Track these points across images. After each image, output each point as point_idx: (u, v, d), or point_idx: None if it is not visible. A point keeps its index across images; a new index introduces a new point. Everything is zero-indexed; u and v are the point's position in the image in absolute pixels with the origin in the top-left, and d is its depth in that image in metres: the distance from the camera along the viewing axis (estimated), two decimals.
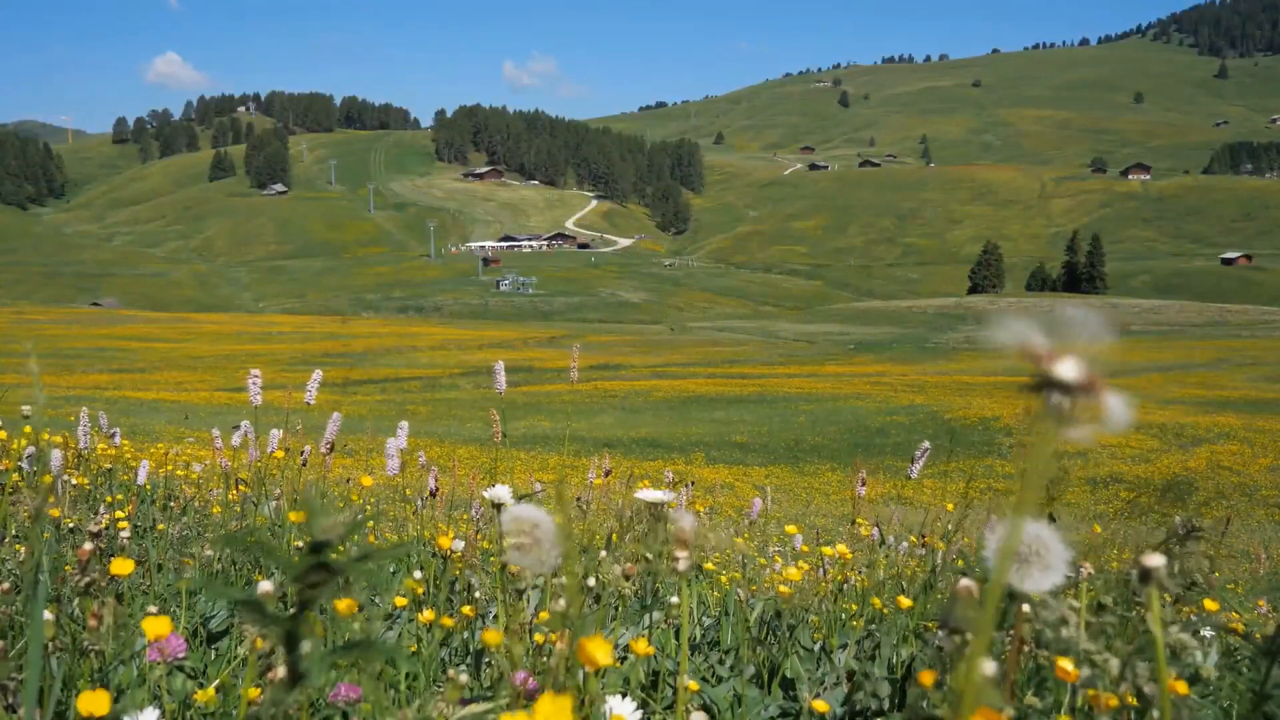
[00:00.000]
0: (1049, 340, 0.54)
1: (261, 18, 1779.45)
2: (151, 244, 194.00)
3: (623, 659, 2.04)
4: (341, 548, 0.71)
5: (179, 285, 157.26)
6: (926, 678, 0.92)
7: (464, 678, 1.18)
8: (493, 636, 1.35)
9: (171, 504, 4.56)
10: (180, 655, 1.42)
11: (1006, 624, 1.10)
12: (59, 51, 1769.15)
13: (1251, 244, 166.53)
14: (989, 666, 0.80)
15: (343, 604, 1.61)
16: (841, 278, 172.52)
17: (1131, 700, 1.02)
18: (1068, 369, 0.54)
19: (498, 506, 1.67)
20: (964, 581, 0.89)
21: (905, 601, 2.27)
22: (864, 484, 3.50)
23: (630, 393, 43.34)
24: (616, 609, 2.39)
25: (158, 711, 1.33)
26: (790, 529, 3.50)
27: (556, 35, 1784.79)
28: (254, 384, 3.22)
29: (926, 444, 3.30)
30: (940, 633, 0.89)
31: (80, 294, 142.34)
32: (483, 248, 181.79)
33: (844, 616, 3.11)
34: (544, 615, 1.57)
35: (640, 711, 1.36)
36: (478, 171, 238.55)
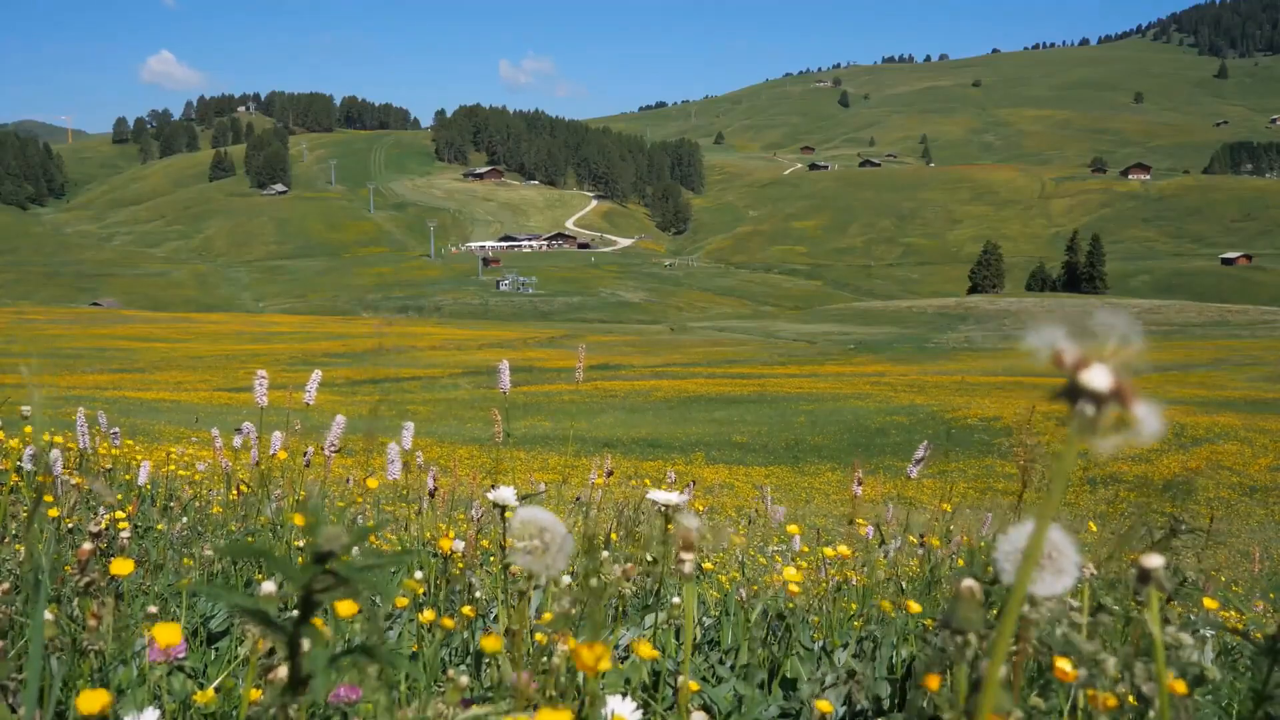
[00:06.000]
0: (1079, 345, 0.52)
1: (259, 17, 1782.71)
2: (151, 244, 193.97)
3: (624, 659, 2.04)
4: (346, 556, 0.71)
5: (179, 285, 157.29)
6: (933, 682, 0.92)
7: (464, 679, 1.18)
8: (491, 643, 1.35)
9: (172, 504, 4.56)
10: (180, 655, 1.42)
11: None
12: (59, 51, 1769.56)
13: (1252, 244, 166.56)
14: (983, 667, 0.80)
15: (344, 606, 1.61)
16: (841, 278, 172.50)
17: (1131, 700, 1.02)
18: (1097, 376, 0.51)
19: (500, 509, 1.66)
20: (966, 582, 0.88)
21: (914, 606, 2.27)
22: (860, 484, 3.49)
23: (630, 393, 43.33)
24: (617, 609, 2.39)
25: (158, 712, 1.33)
26: (791, 529, 3.50)
27: (554, 34, 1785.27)
28: (260, 385, 3.22)
29: (926, 443, 3.29)
30: (942, 633, 0.88)
31: (80, 294, 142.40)
32: (483, 248, 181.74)
33: (844, 616, 3.11)
34: (546, 616, 1.57)
35: (641, 712, 1.36)
36: (478, 171, 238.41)
